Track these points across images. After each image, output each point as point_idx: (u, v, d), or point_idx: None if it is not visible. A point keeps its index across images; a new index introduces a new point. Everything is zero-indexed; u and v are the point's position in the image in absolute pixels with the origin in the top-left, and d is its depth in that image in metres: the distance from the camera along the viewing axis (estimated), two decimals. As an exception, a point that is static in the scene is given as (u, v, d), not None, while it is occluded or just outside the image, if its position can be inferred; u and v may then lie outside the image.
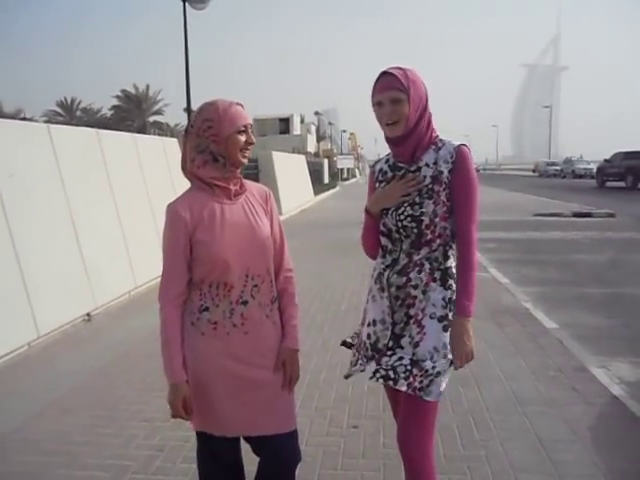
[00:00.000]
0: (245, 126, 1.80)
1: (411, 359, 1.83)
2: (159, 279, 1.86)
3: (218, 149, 1.79)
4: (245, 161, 1.84)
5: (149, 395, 3.63)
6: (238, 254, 1.79)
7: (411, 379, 1.80)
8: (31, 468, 2.81)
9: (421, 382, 1.80)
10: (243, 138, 1.80)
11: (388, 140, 1.89)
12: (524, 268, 7.91)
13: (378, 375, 1.85)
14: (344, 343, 2.17)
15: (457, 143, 1.86)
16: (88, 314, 5.54)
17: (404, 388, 1.80)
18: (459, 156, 1.82)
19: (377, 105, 1.84)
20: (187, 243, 1.78)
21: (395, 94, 1.79)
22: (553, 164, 49.92)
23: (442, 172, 1.82)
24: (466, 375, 3.67)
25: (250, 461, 2.08)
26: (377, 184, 1.99)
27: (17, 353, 4.52)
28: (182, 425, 2.88)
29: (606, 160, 29.46)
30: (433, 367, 1.82)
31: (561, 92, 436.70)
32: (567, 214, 14.83)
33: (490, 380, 3.75)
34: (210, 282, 1.81)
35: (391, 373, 1.83)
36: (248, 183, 1.94)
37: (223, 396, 1.83)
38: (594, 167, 42.81)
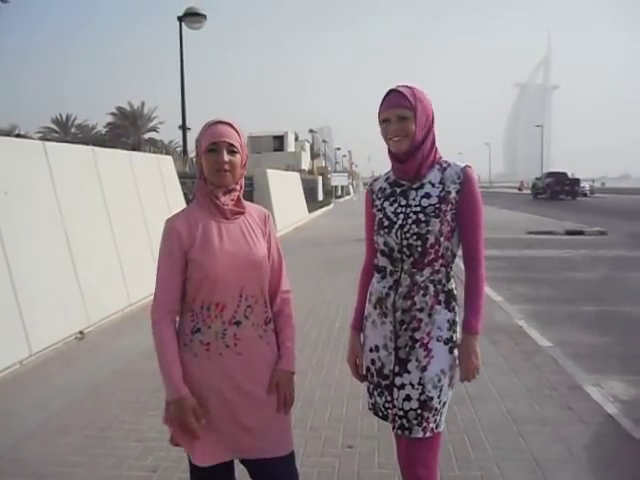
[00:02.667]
0: (215, 143, 1.77)
1: (419, 399, 1.81)
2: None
3: (200, 168, 1.84)
4: (224, 181, 1.80)
5: (143, 414, 3.59)
6: (232, 273, 1.79)
7: (425, 424, 1.81)
8: (22, 490, 2.77)
9: (435, 421, 1.83)
10: (212, 157, 1.78)
11: (393, 156, 1.90)
12: (518, 286, 7.94)
13: (397, 425, 1.86)
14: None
15: (463, 165, 1.89)
16: (81, 332, 5.50)
17: (420, 435, 1.82)
18: (467, 178, 1.85)
19: (384, 122, 1.86)
20: (182, 259, 1.79)
21: (402, 112, 1.82)
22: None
23: (450, 192, 1.84)
24: (461, 394, 3.66)
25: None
26: (376, 201, 1.98)
27: (9, 371, 4.47)
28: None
29: (537, 178, 40.44)
30: (440, 402, 1.84)
31: (552, 110, 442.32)
32: (560, 232, 14.93)
33: (485, 399, 3.74)
34: (202, 302, 1.80)
35: (405, 422, 1.83)
36: (248, 204, 1.94)
37: (217, 419, 1.80)
38: (586, 185, 43.44)
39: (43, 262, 5.27)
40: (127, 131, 54.53)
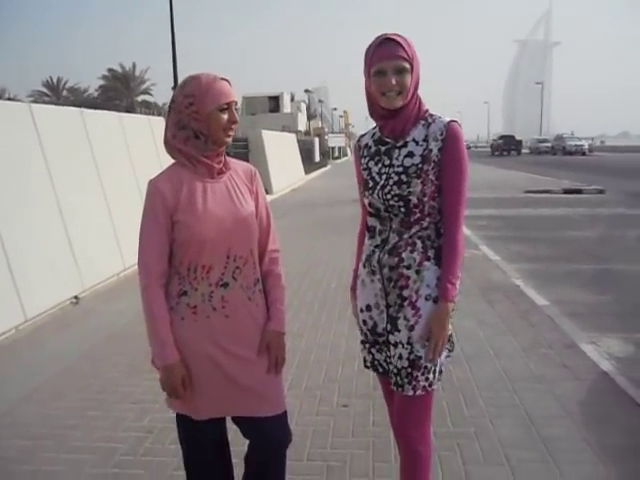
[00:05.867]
0: (228, 104, 1.71)
1: (408, 359, 1.77)
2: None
3: (199, 127, 1.72)
4: (229, 140, 1.76)
5: (138, 377, 3.59)
6: (219, 234, 1.73)
7: (414, 382, 1.77)
8: (18, 452, 2.78)
9: (427, 379, 1.78)
10: (225, 116, 1.71)
11: (380, 112, 1.77)
12: (515, 245, 7.91)
13: (392, 382, 1.83)
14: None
15: (447, 119, 1.77)
16: (76, 297, 5.48)
17: (410, 393, 1.79)
18: (450, 134, 1.73)
19: (377, 74, 1.70)
20: (168, 221, 1.72)
21: (400, 64, 1.68)
22: (544, 141, 49.94)
23: (432, 150, 1.73)
24: (456, 353, 3.61)
25: (239, 441, 2.06)
26: (363, 160, 1.89)
27: (5, 337, 4.47)
28: (170, 407, 2.86)
29: (494, 140, 53.25)
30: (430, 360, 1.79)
31: (553, 68, 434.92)
32: (557, 191, 14.88)
33: (480, 358, 3.75)
34: (188, 264, 1.75)
35: (398, 379, 1.80)
36: (233, 161, 1.87)
37: (207, 382, 1.78)
38: (585, 144, 43.19)
39: (34, 227, 5.20)
40: (120, 94, 53.62)
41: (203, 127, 1.71)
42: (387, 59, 1.68)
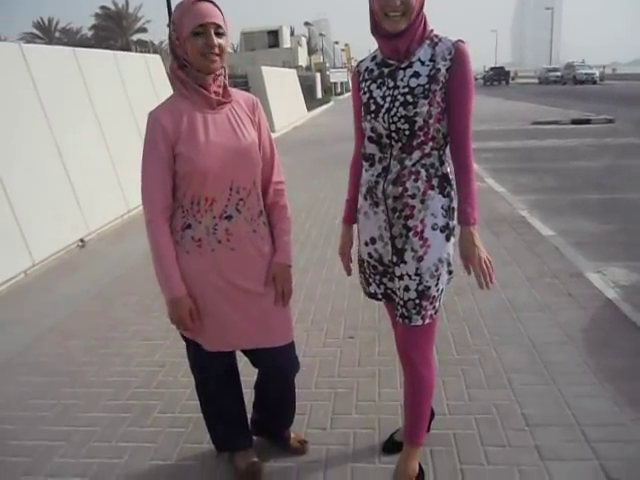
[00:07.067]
0: (202, 25, 1.60)
1: (417, 290, 1.76)
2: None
3: (182, 54, 1.66)
4: (213, 66, 1.66)
5: (147, 316, 3.66)
6: (221, 166, 1.69)
7: (423, 312, 1.78)
8: (36, 388, 2.88)
9: (434, 307, 1.80)
10: (200, 40, 1.62)
11: (382, 33, 1.69)
12: (521, 177, 7.81)
13: (398, 314, 1.82)
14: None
15: (455, 39, 1.70)
16: (82, 240, 5.51)
17: (419, 323, 1.78)
18: (459, 54, 1.67)
19: None
20: (169, 154, 1.68)
21: None
22: (554, 70, 48.34)
23: (439, 70, 1.67)
24: (461, 284, 3.67)
25: (249, 371, 2.11)
26: (363, 84, 1.82)
27: (14, 282, 4.53)
28: (182, 342, 2.93)
29: (485, 71, 57.84)
30: (437, 289, 1.78)
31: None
32: (565, 121, 14.54)
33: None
34: (191, 197, 1.73)
35: (404, 311, 1.79)
36: (234, 92, 1.81)
37: (215, 314, 1.80)
38: (596, 72, 41.80)
39: (35, 172, 5.16)
40: (114, 33, 51.86)
41: (185, 54, 1.65)
42: None
